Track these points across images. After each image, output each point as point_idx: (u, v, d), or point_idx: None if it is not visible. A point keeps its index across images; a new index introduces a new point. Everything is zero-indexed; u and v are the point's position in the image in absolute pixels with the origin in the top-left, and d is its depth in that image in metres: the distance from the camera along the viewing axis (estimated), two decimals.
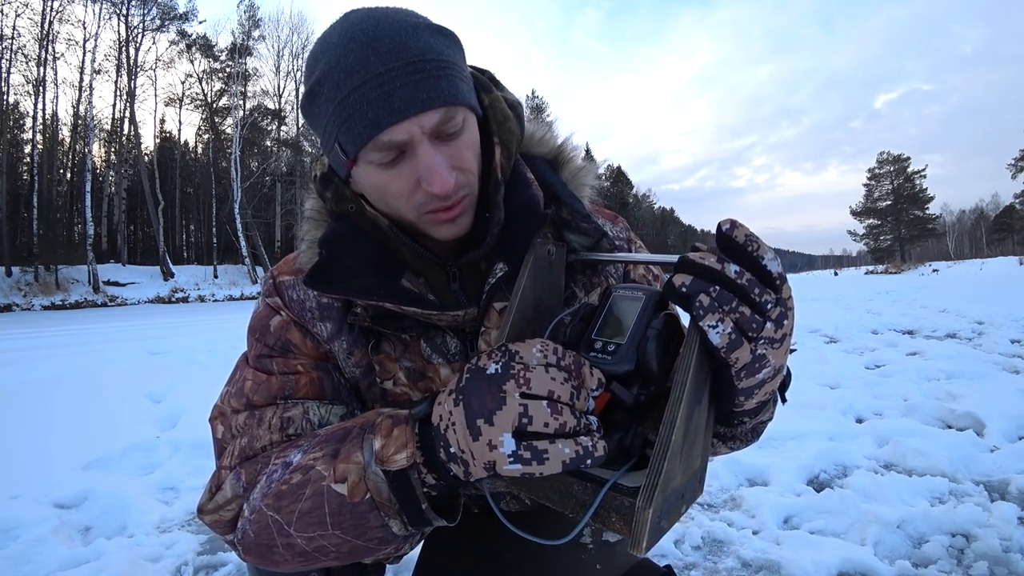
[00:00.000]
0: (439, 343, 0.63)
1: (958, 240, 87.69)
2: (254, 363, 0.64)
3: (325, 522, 0.48)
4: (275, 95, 28.98)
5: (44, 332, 8.81)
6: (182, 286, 22.81)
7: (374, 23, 0.51)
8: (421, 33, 0.51)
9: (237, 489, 0.55)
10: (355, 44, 0.50)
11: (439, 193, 0.52)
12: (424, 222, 0.56)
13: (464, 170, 0.54)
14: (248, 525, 0.53)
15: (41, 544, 1.47)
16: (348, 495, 0.47)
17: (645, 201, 74.46)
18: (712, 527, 1.57)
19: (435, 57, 0.51)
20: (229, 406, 0.63)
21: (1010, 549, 1.39)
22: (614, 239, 0.70)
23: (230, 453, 0.59)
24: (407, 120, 0.49)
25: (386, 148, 0.51)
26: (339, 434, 0.51)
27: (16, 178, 23.51)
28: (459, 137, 0.53)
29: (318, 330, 0.64)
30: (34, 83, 21.80)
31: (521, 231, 0.58)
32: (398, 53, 0.49)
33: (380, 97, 0.49)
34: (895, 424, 2.40)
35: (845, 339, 5.22)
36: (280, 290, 0.66)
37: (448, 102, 0.51)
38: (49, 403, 3.05)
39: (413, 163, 0.52)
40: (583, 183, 0.67)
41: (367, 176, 0.55)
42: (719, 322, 0.38)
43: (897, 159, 60.36)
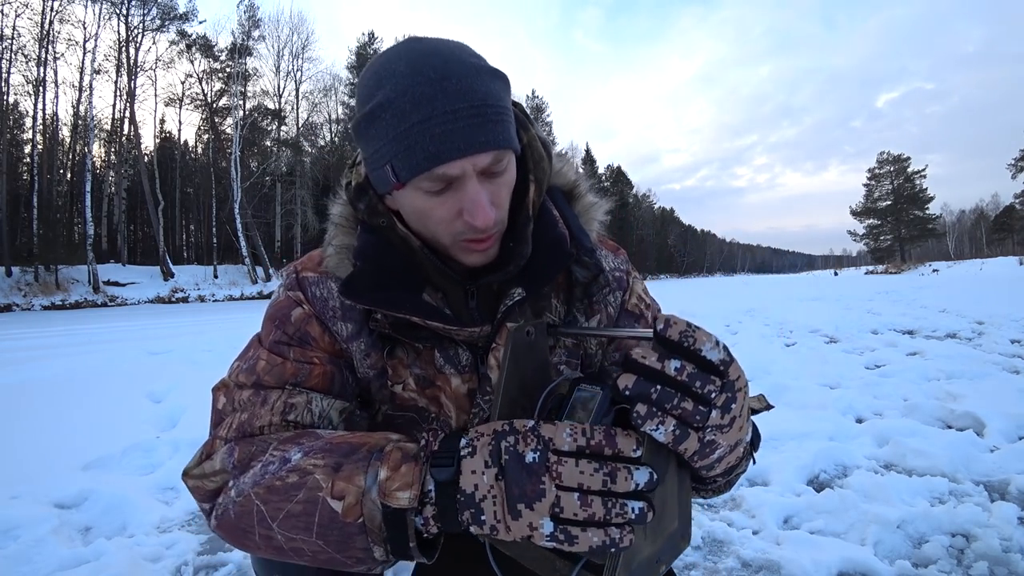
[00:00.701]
0: (452, 354, 0.67)
1: (958, 240, 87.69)
2: (270, 346, 0.65)
3: (311, 529, 0.49)
4: (275, 95, 29.00)
5: (44, 332, 8.81)
6: (182, 286, 22.81)
7: (443, 61, 0.54)
8: (484, 77, 0.55)
9: (227, 464, 0.57)
10: (423, 79, 0.53)
11: (480, 226, 0.56)
12: (457, 248, 0.61)
13: (501, 207, 0.59)
14: (231, 505, 0.54)
15: (41, 544, 1.47)
16: (342, 514, 0.48)
17: (645, 201, 74.40)
18: (712, 527, 1.57)
19: (495, 103, 0.55)
20: (236, 381, 0.64)
21: (1010, 549, 1.39)
22: (613, 271, 0.75)
23: (228, 425, 0.60)
24: (464, 158, 0.54)
25: (438, 179, 0.55)
26: (344, 448, 0.52)
27: (16, 178, 23.51)
28: (502, 176, 0.58)
29: (337, 328, 0.66)
30: (34, 83, 21.81)
31: (547, 266, 0.64)
32: (464, 95, 0.53)
33: (443, 134, 0.52)
34: (895, 424, 2.40)
35: (845, 339, 5.22)
36: (303, 285, 0.67)
37: (501, 146, 0.55)
38: (49, 403, 3.05)
39: (459, 195, 0.56)
40: (593, 218, 0.72)
41: (412, 199, 0.58)
42: (659, 424, 0.41)
43: (897, 159, 60.37)
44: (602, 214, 0.73)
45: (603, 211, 0.73)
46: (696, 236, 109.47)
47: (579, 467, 0.42)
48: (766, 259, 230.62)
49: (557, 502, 0.42)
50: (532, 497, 0.43)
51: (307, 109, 30.32)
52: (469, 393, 0.68)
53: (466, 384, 0.68)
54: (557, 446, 0.43)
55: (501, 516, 0.44)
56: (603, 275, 0.69)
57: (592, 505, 0.42)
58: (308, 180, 28.64)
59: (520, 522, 0.43)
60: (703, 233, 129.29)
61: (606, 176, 58.51)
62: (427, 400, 0.68)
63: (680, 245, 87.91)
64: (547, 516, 0.42)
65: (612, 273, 0.73)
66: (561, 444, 0.43)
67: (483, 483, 0.45)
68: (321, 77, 31.44)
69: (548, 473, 0.43)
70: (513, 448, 0.44)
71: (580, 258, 0.66)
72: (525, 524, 0.43)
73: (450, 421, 0.69)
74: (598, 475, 0.42)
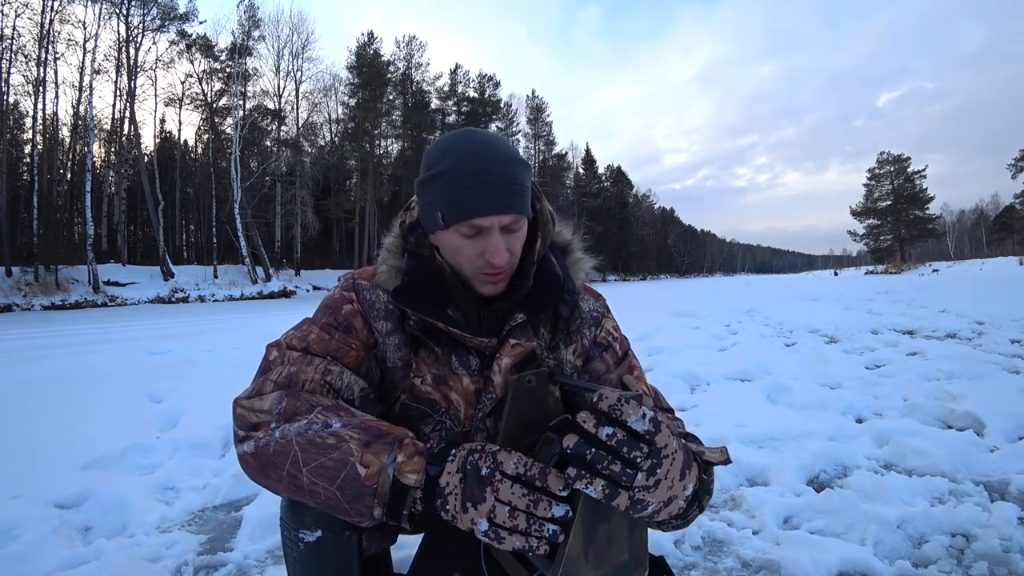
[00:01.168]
0: (464, 359, 0.87)
1: (958, 240, 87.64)
2: (322, 326, 0.84)
3: (334, 481, 0.65)
4: (275, 95, 28.93)
5: (44, 332, 8.80)
6: (182, 286, 22.79)
7: (490, 149, 0.78)
8: (515, 165, 0.78)
9: (275, 408, 0.72)
10: (475, 159, 0.76)
11: (497, 264, 0.78)
12: (476, 279, 0.82)
13: (514, 254, 0.81)
14: (272, 443, 0.69)
15: (41, 544, 1.47)
16: (363, 477, 0.64)
17: (645, 201, 74.35)
18: (712, 527, 1.57)
19: (519, 183, 0.78)
20: (288, 343, 0.82)
21: (1010, 549, 1.39)
22: (591, 311, 0.94)
23: (278, 372, 0.78)
24: (494, 216, 0.76)
25: (473, 227, 0.77)
26: (375, 431, 0.68)
27: (16, 178, 23.49)
28: (517, 233, 0.80)
29: (379, 326, 0.86)
30: (34, 83, 21.77)
31: (544, 298, 0.86)
32: (500, 175, 0.76)
33: (482, 198, 0.75)
34: (895, 424, 2.40)
35: (845, 339, 5.23)
36: (358, 289, 0.88)
37: (520, 212, 0.78)
38: (49, 403, 3.05)
39: (485, 241, 0.78)
40: (580, 269, 0.94)
41: (451, 239, 0.80)
42: (588, 484, 0.54)
43: (897, 159, 60.30)
44: (588, 267, 0.95)
45: (589, 265, 0.95)
46: (696, 236, 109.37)
47: (512, 489, 0.58)
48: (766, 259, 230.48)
49: (493, 510, 0.58)
50: (477, 500, 0.59)
51: (307, 109, 30.29)
52: (476, 392, 0.86)
53: (474, 384, 0.87)
54: (504, 469, 0.60)
55: (458, 509, 0.60)
56: (579, 311, 0.92)
57: (517, 519, 0.57)
58: (308, 180, 28.61)
59: (467, 516, 0.59)
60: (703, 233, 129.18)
61: (606, 176, 58.41)
62: (439, 395, 0.86)
63: (680, 245, 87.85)
64: (484, 517, 0.58)
65: (590, 313, 0.94)
66: (507, 468, 0.60)
67: (452, 482, 0.62)
68: (321, 77, 31.28)
69: (491, 486, 0.59)
70: (475, 463, 0.61)
71: (564, 297, 0.88)
72: (469, 519, 0.59)
73: (459, 414, 0.86)
74: (524, 499, 0.58)
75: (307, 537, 0.81)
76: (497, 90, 40.70)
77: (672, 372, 3.61)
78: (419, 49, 35.91)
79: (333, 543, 0.81)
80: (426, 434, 0.87)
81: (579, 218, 46.89)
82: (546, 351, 0.90)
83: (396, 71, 34.69)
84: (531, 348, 0.86)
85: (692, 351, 4.68)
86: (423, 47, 35.94)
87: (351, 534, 0.81)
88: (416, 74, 35.92)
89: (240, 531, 1.62)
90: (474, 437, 0.88)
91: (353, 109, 32.58)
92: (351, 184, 34.79)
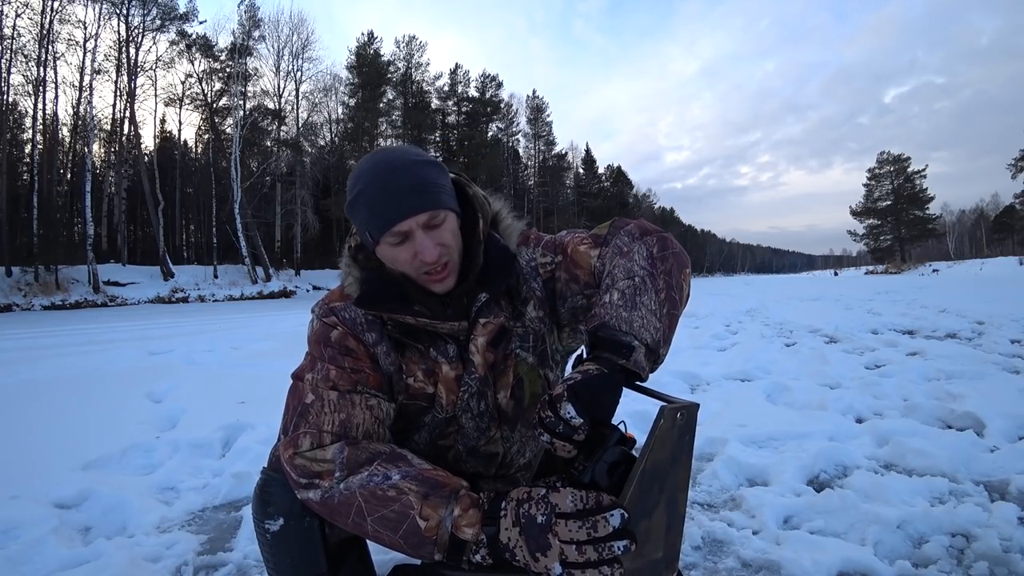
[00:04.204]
0: (442, 349, 0.91)
1: (958, 240, 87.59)
2: (329, 360, 0.87)
3: (397, 531, 0.71)
4: (275, 95, 28.92)
5: (44, 332, 8.80)
6: (182, 286, 22.79)
7: (393, 159, 0.84)
8: (420, 166, 0.84)
9: (338, 459, 0.77)
10: (380, 172, 0.83)
11: (428, 261, 0.83)
12: (423, 280, 0.87)
13: (445, 246, 0.84)
14: (338, 495, 0.74)
15: (41, 544, 1.47)
16: (424, 530, 0.69)
17: (645, 201, 74.35)
18: (712, 527, 1.57)
19: (428, 180, 0.83)
20: (316, 384, 0.85)
21: (1010, 549, 1.38)
22: (529, 262, 0.97)
23: (330, 421, 0.81)
24: (408, 219, 0.82)
25: (396, 235, 0.83)
26: (432, 481, 0.73)
27: (16, 178, 23.48)
28: (441, 227, 0.84)
29: (366, 338, 0.90)
30: (34, 83, 21.76)
31: (499, 272, 0.90)
32: (405, 179, 0.82)
33: (393, 205, 0.82)
34: (895, 424, 2.40)
35: (845, 339, 5.22)
36: (335, 312, 0.92)
37: (431, 208, 0.83)
38: (49, 403, 3.05)
39: (412, 244, 0.83)
40: (512, 233, 0.97)
41: (385, 251, 0.86)
42: None
43: (897, 159, 60.30)
44: (519, 229, 0.98)
45: (519, 228, 0.99)
46: (696, 236, 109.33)
47: (568, 527, 0.61)
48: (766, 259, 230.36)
49: (562, 552, 0.61)
50: (543, 548, 0.62)
51: (307, 109, 30.26)
52: (457, 378, 0.92)
53: (454, 371, 0.91)
54: (561, 509, 0.63)
55: (528, 559, 0.63)
56: (520, 272, 0.95)
57: (587, 552, 0.60)
58: (308, 180, 28.59)
59: (540, 563, 0.63)
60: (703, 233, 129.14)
61: (606, 176, 58.40)
62: (432, 386, 0.91)
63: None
64: (556, 561, 0.61)
65: (528, 265, 0.96)
66: (565, 508, 0.63)
67: (512, 537, 0.65)
68: (321, 77, 31.24)
69: (551, 532, 0.62)
70: (527, 513, 0.64)
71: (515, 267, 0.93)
72: (543, 566, 0.62)
73: (442, 401, 0.92)
74: (583, 530, 0.61)
75: (271, 526, 0.87)
76: (499, 90, 40.70)
77: (672, 372, 3.60)
78: (419, 49, 35.91)
79: (296, 530, 0.86)
80: (424, 423, 0.94)
81: (579, 218, 46.89)
82: (513, 320, 0.94)
83: (396, 71, 34.68)
84: (500, 323, 0.91)
85: (692, 351, 4.68)
86: (423, 47, 35.95)
87: (311, 520, 0.86)
88: (416, 74, 35.91)
89: (240, 531, 1.62)
90: (460, 419, 0.93)
91: (353, 109, 32.57)
92: None
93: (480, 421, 0.94)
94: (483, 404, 0.93)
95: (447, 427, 0.94)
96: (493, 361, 0.92)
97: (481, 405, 0.93)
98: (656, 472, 0.63)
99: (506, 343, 0.93)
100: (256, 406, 2.87)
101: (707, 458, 2.15)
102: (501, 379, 0.94)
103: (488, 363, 0.92)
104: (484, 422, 0.94)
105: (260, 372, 3.91)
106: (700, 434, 2.37)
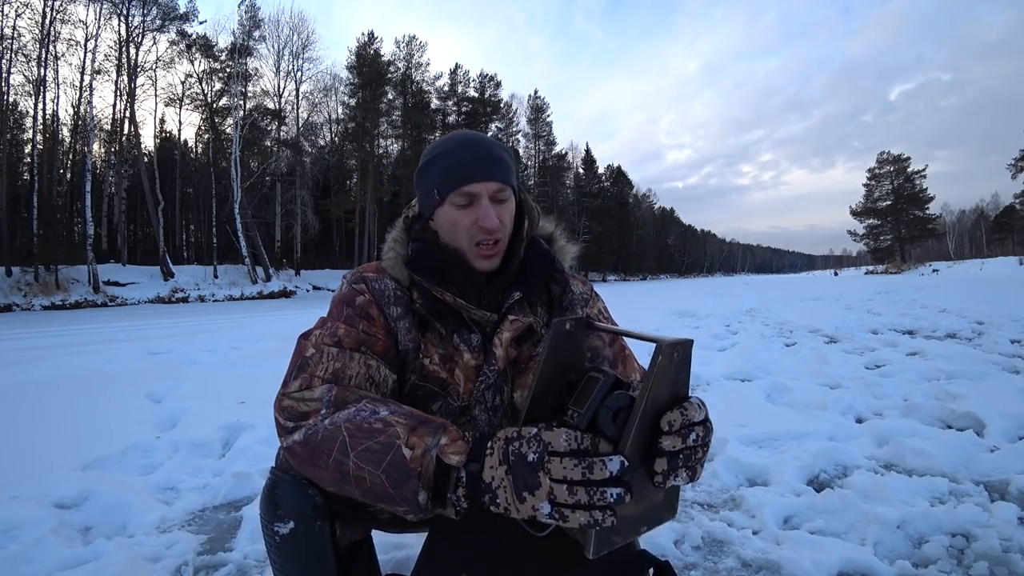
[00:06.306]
0: (466, 337, 0.93)
1: (958, 240, 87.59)
2: (344, 320, 0.88)
3: (380, 464, 0.66)
4: (275, 95, 28.91)
5: (44, 332, 8.80)
6: (182, 286, 22.78)
7: (476, 137, 0.91)
8: (498, 147, 0.91)
9: (326, 398, 0.76)
10: (463, 143, 0.90)
11: (487, 227, 0.86)
12: (472, 253, 0.90)
13: (503, 223, 0.89)
14: (321, 429, 0.72)
15: (41, 544, 1.46)
16: (409, 459, 0.65)
17: (645, 201, 74.35)
18: (712, 527, 1.57)
19: (504, 161, 0.90)
20: (322, 340, 0.85)
21: (1010, 549, 1.38)
22: (581, 293, 1.03)
23: (324, 368, 0.81)
24: (481, 182, 0.87)
25: (464, 196, 0.87)
26: (420, 417, 0.71)
27: (16, 178, 23.46)
28: (505, 203, 0.90)
29: (390, 311, 0.92)
30: (34, 83, 21.75)
31: (536, 273, 0.95)
32: (485, 153, 0.89)
33: (470, 169, 0.87)
34: (895, 424, 2.40)
35: (845, 339, 5.22)
36: (366, 280, 0.94)
37: (504, 181, 0.89)
38: (49, 403, 3.05)
39: (476, 209, 0.87)
40: (567, 254, 1.02)
41: (446, 214, 0.89)
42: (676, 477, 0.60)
43: (897, 159, 60.31)
44: (573, 254, 1.03)
45: (573, 252, 1.03)
46: (696, 236, 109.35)
47: (563, 464, 0.57)
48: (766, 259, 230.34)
49: (552, 491, 0.57)
50: (532, 486, 0.58)
51: (307, 109, 30.27)
52: (476, 367, 0.92)
53: (475, 360, 0.92)
54: (555, 448, 0.58)
55: (511, 500, 0.59)
56: (570, 290, 1.00)
57: (578, 493, 0.56)
58: (308, 180, 28.58)
59: (525, 504, 0.58)
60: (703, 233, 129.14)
61: (606, 176, 58.37)
62: (446, 372, 0.92)
63: (680, 245, 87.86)
64: (545, 500, 0.57)
65: (580, 294, 1.03)
66: (559, 447, 0.58)
67: (497, 475, 0.61)
68: (321, 77, 31.24)
69: (543, 469, 0.58)
70: (518, 451, 0.60)
71: (554, 276, 0.98)
72: (529, 506, 0.58)
73: (458, 388, 0.92)
74: (578, 469, 0.56)
75: (281, 529, 0.85)
76: (498, 90, 40.72)
77: None
78: (419, 49, 35.91)
79: (306, 534, 0.85)
80: (433, 411, 0.93)
81: (579, 218, 46.89)
82: (543, 328, 0.96)
83: (396, 71, 34.67)
84: (529, 322, 0.93)
85: (692, 351, 4.68)
86: (423, 47, 35.95)
87: (323, 524, 0.85)
88: (416, 74, 35.91)
89: (240, 531, 1.62)
90: (473, 410, 0.93)
91: (353, 109, 32.55)
92: (351, 184, 34.75)
93: (493, 415, 0.94)
94: (498, 398, 0.94)
95: (459, 417, 0.94)
96: (515, 358, 0.93)
97: (496, 399, 0.93)
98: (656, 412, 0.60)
99: (531, 344, 0.94)
100: (256, 406, 2.87)
101: (707, 458, 2.15)
102: (520, 378, 0.94)
103: (510, 358, 0.93)
104: (496, 417, 0.95)
105: (260, 372, 3.91)
106: None
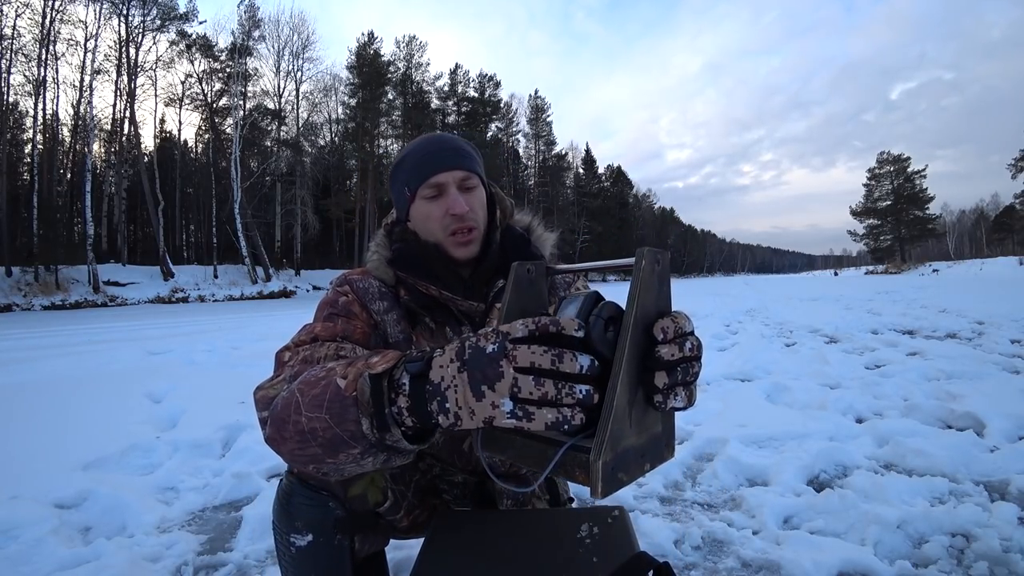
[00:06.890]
0: (456, 329, 0.94)
1: (958, 240, 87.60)
2: (324, 319, 0.89)
3: (323, 406, 0.61)
4: (275, 95, 28.94)
5: (44, 332, 8.80)
6: (182, 286, 22.79)
7: (438, 134, 0.97)
8: (460, 141, 0.95)
9: (287, 375, 0.74)
10: (425, 140, 0.95)
11: (459, 213, 0.88)
12: (449, 243, 0.91)
13: (474, 210, 0.91)
14: (280, 401, 0.68)
15: (41, 544, 1.47)
16: (343, 388, 0.59)
17: (645, 201, 74.35)
18: (712, 527, 1.57)
19: (466, 150, 0.94)
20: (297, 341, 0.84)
21: (1010, 549, 1.38)
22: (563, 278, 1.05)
23: (296, 359, 0.79)
24: (447, 171, 0.90)
25: (432, 187, 0.90)
26: (364, 356, 0.66)
27: (16, 178, 23.48)
28: (473, 191, 0.92)
29: (375, 307, 0.93)
30: (34, 83, 21.77)
31: (515, 256, 0.93)
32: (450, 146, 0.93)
33: (434, 160, 0.90)
34: (895, 424, 2.40)
35: (845, 339, 5.22)
36: (350, 282, 0.95)
37: (469, 169, 0.92)
38: (49, 403, 3.05)
39: (446, 199, 0.90)
40: (546, 242, 1.03)
41: (419, 209, 0.92)
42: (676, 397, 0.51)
43: (897, 159, 60.32)
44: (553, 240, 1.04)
45: (552, 240, 1.04)
46: (696, 236, 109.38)
47: (531, 349, 0.49)
48: (766, 259, 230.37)
49: (515, 383, 0.49)
50: (493, 379, 0.50)
51: (307, 109, 30.30)
52: None
53: None
54: (513, 335, 0.51)
55: (464, 401, 0.51)
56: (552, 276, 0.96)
57: (544, 385, 0.49)
58: (308, 180, 28.60)
59: (483, 402, 0.50)
60: (703, 233, 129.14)
61: (606, 176, 58.40)
62: None
63: (680, 245, 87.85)
64: (507, 395, 0.49)
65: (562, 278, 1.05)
66: (516, 333, 0.51)
67: (448, 374, 0.52)
68: (321, 77, 31.30)
69: (505, 358, 0.50)
70: (475, 344, 0.52)
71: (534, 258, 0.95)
72: (488, 403, 0.50)
73: None
74: (547, 355, 0.49)
75: (298, 541, 0.83)
76: (498, 90, 40.73)
77: None
78: (419, 49, 35.94)
79: (325, 547, 0.83)
80: None
81: (579, 218, 46.89)
82: None
83: (396, 71, 34.69)
84: None
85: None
86: (423, 47, 35.98)
87: (342, 538, 0.83)
88: (416, 74, 35.94)
89: (240, 531, 1.62)
90: None
91: (353, 109, 32.58)
92: (351, 184, 34.78)
93: None
94: None
95: None
96: None
97: None
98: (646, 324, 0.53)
99: None
100: None
101: (707, 458, 2.15)
102: None
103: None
104: None
105: (260, 372, 3.91)
106: (700, 434, 2.37)
